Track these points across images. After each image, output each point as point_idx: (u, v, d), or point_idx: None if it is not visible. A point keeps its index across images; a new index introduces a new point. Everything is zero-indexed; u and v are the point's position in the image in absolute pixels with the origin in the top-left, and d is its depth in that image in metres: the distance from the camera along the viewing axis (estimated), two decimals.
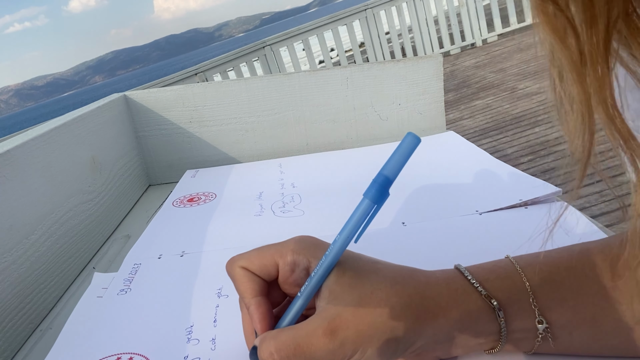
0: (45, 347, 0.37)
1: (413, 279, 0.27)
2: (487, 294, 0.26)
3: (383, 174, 0.26)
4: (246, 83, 0.69)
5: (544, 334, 0.26)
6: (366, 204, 0.26)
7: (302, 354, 0.24)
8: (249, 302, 0.27)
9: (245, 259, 0.28)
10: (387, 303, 0.25)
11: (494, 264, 0.28)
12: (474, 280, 0.27)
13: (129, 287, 0.40)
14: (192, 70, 3.18)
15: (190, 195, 0.61)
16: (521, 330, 0.26)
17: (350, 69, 0.69)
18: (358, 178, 0.59)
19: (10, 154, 0.42)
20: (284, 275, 0.28)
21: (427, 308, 0.25)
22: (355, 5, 4.05)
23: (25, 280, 0.41)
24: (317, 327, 0.24)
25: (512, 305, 0.26)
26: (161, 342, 0.33)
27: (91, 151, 0.57)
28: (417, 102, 0.71)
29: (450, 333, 0.26)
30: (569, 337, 0.26)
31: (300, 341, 0.24)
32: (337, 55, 4.14)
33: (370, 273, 0.26)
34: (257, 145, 0.73)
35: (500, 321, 0.25)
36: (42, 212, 0.45)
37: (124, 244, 0.55)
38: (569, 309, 0.26)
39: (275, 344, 0.24)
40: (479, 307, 0.26)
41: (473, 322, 0.26)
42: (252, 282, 0.28)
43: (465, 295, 0.26)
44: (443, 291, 0.26)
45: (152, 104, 0.70)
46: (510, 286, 0.26)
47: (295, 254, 0.27)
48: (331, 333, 0.24)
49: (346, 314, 0.24)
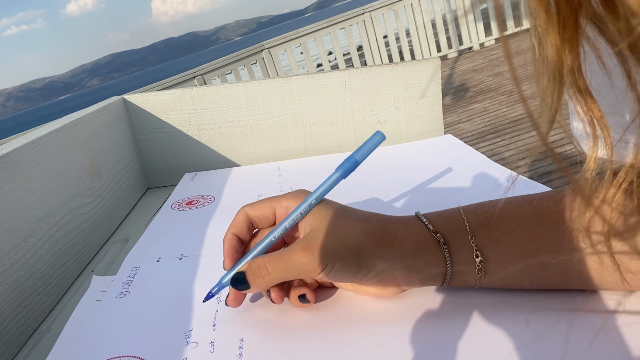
0: (43, 351, 0.37)
1: (377, 216, 0.33)
2: (434, 230, 0.32)
3: (354, 157, 0.34)
4: (245, 86, 0.69)
5: (481, 267, 0.31)
6: (336, 177, 0.34)
7: (284, 264, 0.31)
8: (225, 235, 0.35)
9: (250, 205, 0.36)
10: (353, 230, 0.31)
11: (445, 210, 0.34)
12: (425, 219, 0.32)
13: (128, 290, 0.40)
14: (191, 74, 3.18)
15: (188, 199, 0.61)
16: (463, 262, 0.31)
17: (349, 73, 0.69)
18: (356, 181, 0.59)
19: (8, 157, 0.42)
20: (280, 217, 0.35)
21: (386, 237, 0.32)
22: (353, 9, 4.07)
23: (24, 283, 0.41)
24: (297, 245, 0.31)
25: (455, 240, 0.31)
26: (160, 344, 0.33)
27: (90, 154, 0.57)
28: (415, 105, 0.72)
29: (405, 260, 0.31)
30: (504, 272, 0.31)
31: (285, 255, 0.31)
32: (335, 59, 4.15)
33: (344, 212, 0.33)
34: (255, 148, 0.73)
35: (445, 252, 0.31)
36: (41, 215, 0.45)
37: (122, 247, 0.55)
38: (501, 247, 0.31)
39: (265, 258, 0.32)
40: (427, 240, 0.31)
41: (423, 252, 0.31)
42: (239, 223, 0.35)
43: (417, 231, 0.32)
44: (400, 227, 0.32)
45: (150, 107, 0.70)
46: (454, 226, 0.32)
47: (289, 200, 0.35)
48: (308, 249, 0.31)
49: (320, 237, 0.31)
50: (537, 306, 0.31)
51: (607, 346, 0.27)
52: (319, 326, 0.33)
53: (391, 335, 0.31)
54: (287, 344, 0.32)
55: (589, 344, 0.28)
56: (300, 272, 0.31)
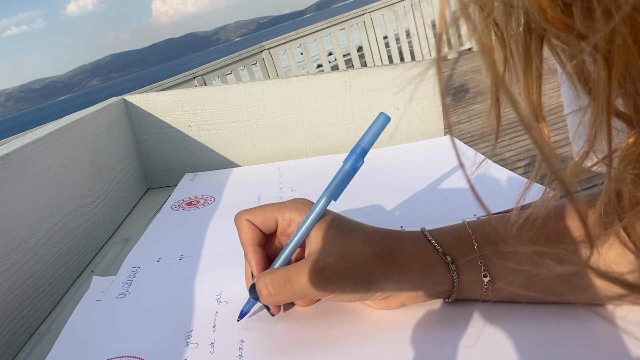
0: (43, 351, 0.37)
1: (386, 237, 0.32)
2: (442, 252, 0.31)
3: (360, 145, 0.32)
4: (245, 87, 0.69)
5: (488, 285, 0.31)
6: (345, 170, 0.32)
7: (290, 286, 0.30)
8: (247, 250, 0.33)
9: (250, 213, 0.34)
10: (363, 253, 0.31)
11: (452, 227, 0.33)
12: (434, 240, 0.32)
13: (128, 290, 0.40)
14: (191, 74, 3.18)
15: (189, 199, 0.61)
16: (470, 281, 0.31)
17: (349, 73, 0.69)
18: (356, 181, 0.59)
19: (9, 157, 0.42)
20: (281, 228, 0.34)
21: (395, 260, 0.31)
22: (353, 10, 4.07)
23: (24, 283, 0.41)
24: (305, 267, 0.30)
25: (463, 261, 0.31)
26: (160, 345, 0.33)
27: (90, 154, 0.57)
28: (415, 106, 0.72)
29: (413, 282, 0.31)
30: (509, 288, 0.31)
31: (291, 276, 0.30)
32: (336, 60, 4.15)
33: (352, 230, 0.32)
34: (255, 148, 0.73)
35: (453, 273, 0.31)
36: (41, 215, 0.45)
37: (122, 247, 0.55)
38: (508, 265, 0.31)
39: (270, 277, 0.30)
40: (436, 262, 0.31)
41: (431, 273, 0.31)
42: (252, 232, 0.34)
43: (425, 252, 0.31)
44: (408, 248, 0.32)
45: (151, 108, 0.70)
46: (462, 246, 0.31)
47: (292, 212, 0.33)
48: (317, 272, 0.29)
49: (329, 259, 0.30)
50: (541, 314, 0.31)
51: (609, 347, 0.27)
52: (319, 327, 0.33)
53: (391, 336, 0.31)
54: (286, 345, 0.32)
55: (591, 345, 0.28)
56: (308, 295, 0.30)
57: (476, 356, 0.28)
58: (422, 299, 0.32)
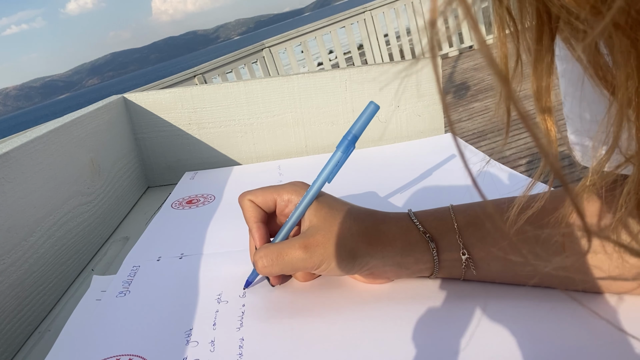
0: (43, 349, 0.37)
1: (372, 216, 0.35)
2: (423, 230, 0.33)
3: (351, 132, 0.34)
4: (245, 85, 0.69)
5: (467, 263, 0.33)
6: (338, 155, 0.34)
7: (282, 259, 0.33)
8: (251, 226, 0.36)
9: (252, 194, 0.37)
10: (349, 231, 0.33)
11: (436, 209, 0.35)
12: (416, 220, 0.34)
13: (128, 289, 0.40)
14: (191, 72, 3.17)
15: (189, 197, 0.61)
16: (450, 259, 0.33)
17: (349, 71, 0.69)
18: (356, 179, 0.59)
19: (9, 156, 0.42)
20: (280, 208, 0.37)
21: (379, 238, 0.33)
22: (354, 8, 4.06)
23: (24, 282, 0.41)
24: (296, 242, 0.33)
25: (442, 239, 0.33)
26: (160, 343, 0.33)
27: (90, 153, 0.57)
28: (415, 104, 0.72)
29: (395, 258, 0.33)
30: (487, 267, 0.33)
31: (282, 250, 0.33)
32: (336, 58, 4.14)
33: (342, 211, 0.34)
34: (256, 147, 0.73)
35: (433, 251, 0.33)
36: (41, 213, 0.45)
37: (122, 246, 0.55)
38: (485, 246, 0.32)
39: (265, 250, 0.33)
40: (417, 240, 0.33)
41: (412, 250, 0.33)
42: (255, 211, 0.37)
43: (408, 231, 0.34)
44: (392, 227, 0.34)
45: (151, 106, 0.70)
46: (442, 225, 0.34)
47: (289, 193, 0.36)
48: (305, 247, 0.32)
49: (319, 236, 0.33)
50: (538, 301, 0.31)
51: (607, 344, 0.27)
52: (319, 326, 0.33)
53: (391, 336, 0.31)
54: (287, 343, 0.32)
55: (590, 341, 0.27)
56: (298, 268, 0.33)
57: (476, 356, 0.28)
58: (406, 274, 0.35)
